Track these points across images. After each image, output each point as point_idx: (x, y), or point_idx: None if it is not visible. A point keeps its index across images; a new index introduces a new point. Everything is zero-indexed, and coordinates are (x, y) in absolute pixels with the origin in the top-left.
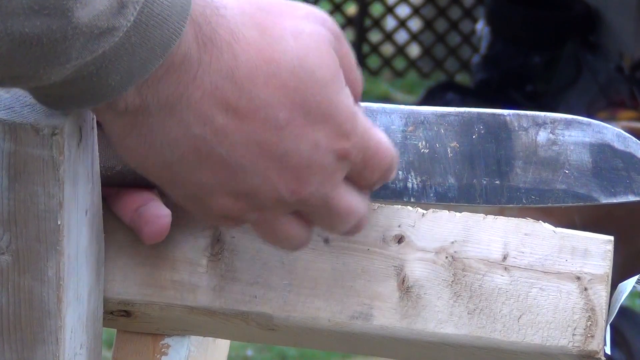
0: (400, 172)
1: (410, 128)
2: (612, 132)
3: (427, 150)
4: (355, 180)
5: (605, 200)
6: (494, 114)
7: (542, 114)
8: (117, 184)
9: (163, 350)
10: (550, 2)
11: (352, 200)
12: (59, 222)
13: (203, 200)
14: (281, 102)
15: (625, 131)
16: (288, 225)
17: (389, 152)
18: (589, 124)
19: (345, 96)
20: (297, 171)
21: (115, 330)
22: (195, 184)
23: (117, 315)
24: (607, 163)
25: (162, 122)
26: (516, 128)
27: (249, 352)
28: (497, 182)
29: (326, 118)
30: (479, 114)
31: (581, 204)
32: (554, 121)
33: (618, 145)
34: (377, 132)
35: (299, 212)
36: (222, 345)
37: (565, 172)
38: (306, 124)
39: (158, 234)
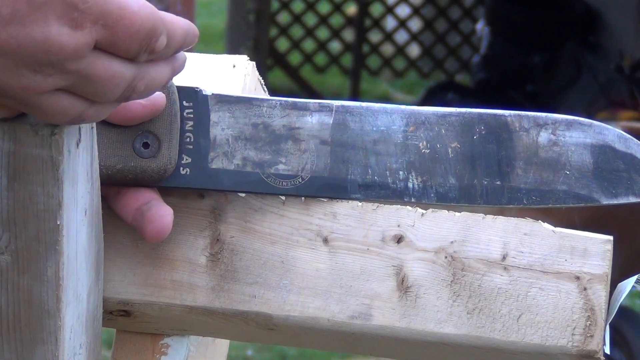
0: (401, 172)
1: (411, 128)
2: (613, 134)
3: (428, 151)
4: (113, 51)
5: (606, 201)
6: (495, 115)
7: (543, 114)
8: (118, 183)
9: (162, 350)
10: (550, 2)
11: (112, 67)
12: (58, 222)
13: None
14: None
15: (625, 131)
16: (56, 100)
17: (138, 16)
18: (590, 125)
19: None
20: (35, 58)
21: (115, 330)
22: None
23: (116, 315)
24: (608, 164)
25: None
26: (517, 129)
27: (249, 352)
28: (498, 182)
29: None
30: (480, 114)
31: (582, 205)
32: (555, 122)
33: (619, 146)
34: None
35: (66, 89)
36: (222, 345)
37: (566, 173)
38: (31, 10)
39: (161, 233)
